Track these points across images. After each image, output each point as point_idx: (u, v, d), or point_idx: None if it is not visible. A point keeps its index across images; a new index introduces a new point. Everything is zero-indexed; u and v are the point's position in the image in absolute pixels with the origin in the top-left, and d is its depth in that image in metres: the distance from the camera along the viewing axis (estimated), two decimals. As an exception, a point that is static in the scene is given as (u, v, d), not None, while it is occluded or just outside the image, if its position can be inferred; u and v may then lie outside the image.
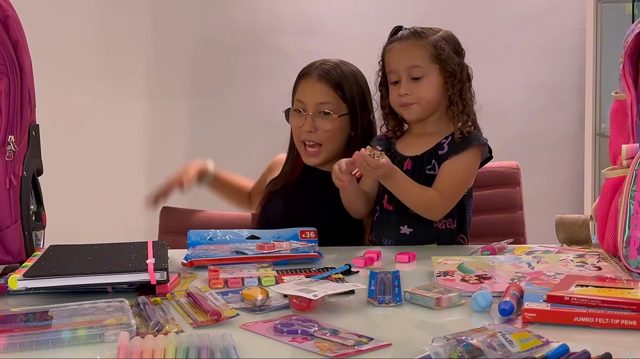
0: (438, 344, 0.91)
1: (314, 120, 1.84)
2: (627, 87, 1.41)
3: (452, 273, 1.33)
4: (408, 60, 1.73)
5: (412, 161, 1.75)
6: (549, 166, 3.32)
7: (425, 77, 1.72)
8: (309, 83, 1.88)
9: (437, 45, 1.72)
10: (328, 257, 1.54)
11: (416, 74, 1.72)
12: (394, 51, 1.76)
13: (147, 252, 1.33)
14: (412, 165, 1.74)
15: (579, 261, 1.39)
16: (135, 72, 3.28)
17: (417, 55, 1.72)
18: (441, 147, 1.73)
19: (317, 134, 1.85)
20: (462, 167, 1.71)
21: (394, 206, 1.74)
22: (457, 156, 1.70)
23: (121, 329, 1.00)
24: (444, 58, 1.72)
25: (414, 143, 1.78)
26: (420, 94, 1.72)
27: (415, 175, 1.71)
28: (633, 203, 1.32)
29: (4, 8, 1.37)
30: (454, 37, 1.78)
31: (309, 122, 1.85)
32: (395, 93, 1.74)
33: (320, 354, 0.94)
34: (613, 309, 1.04)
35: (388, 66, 1.77)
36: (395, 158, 1.75)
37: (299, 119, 1.87)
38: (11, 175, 1.37)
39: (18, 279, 1.18)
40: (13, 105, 1.38)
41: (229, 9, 3.30)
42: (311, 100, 1.86)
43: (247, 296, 1.17)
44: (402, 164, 1.74)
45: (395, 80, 1.75)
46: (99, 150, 2.86)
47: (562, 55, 3.28)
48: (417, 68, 1.72)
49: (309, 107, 1.86)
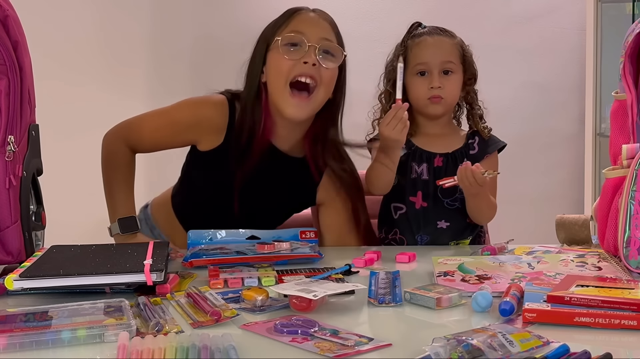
0: (438, 345, 0.91)
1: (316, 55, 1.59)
2: (628, 87, 1.41)
3: (452, 273, 1.33)
4: (443, 54, 1.75)
5: (444, 158, 1.79)
6: (549, 166, 3.32)
7: (455, 74, 1.77)
8: (308, 17, 1.66)
9: (464, 47, 1.80)
10: (328, 257, 1.54)
11: (449, 68, 1.75)
12: (426, 43, 1.76)
13: (146, 253, 1.33)
14: (444, 162, 1.78)
15: (579, 262, 1.39)
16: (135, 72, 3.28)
17: (451, 51, 1.77)
18: (472, 147, 1.80)
19: (319, 71, 1.60)
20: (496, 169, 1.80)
21: (430, 202, 1.78)
22: (491, 158, 1.79)
23: (121, 330, 1.00)
24: (468, 59, 1.80)
25: (436, 141, 1.81)
26: (450, 89, 1.76)
27: (449, 171, 1.75)
28: (633, 203, 1.32)
29: (4, 8, 1.37)
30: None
31: (312, 53, 1.59)
32: (425, 86, 1.75)
33: (320, 354, 0.94)
34: (613, 310, 1.04)
35: (417, 57, 1.76)
36: (422, 155, 1.79)
37: (297, 52, 1.60)
38: (11, 175, 1.36)
39: (14, 279, 1.18)
40: (13, 105, 1.37)
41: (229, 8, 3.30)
42: (315, 32, 1.61)
43: (247, 296, 1.17)
44: (432, 160, 1.78)
45: (422, 71, 1.75)
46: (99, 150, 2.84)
47: (562, 55, 3.28)
48: (451, 63, 1.76)
49: (311, 38, 1.60)
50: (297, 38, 1.61)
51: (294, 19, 1.65)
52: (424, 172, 1.78)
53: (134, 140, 1.74)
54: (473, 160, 1.75)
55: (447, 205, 1.78)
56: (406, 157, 1.79)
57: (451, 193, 1.77)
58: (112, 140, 1.75)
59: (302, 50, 1.61)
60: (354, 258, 1.48)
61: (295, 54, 1.61)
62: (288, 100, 1.61)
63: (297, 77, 1.60)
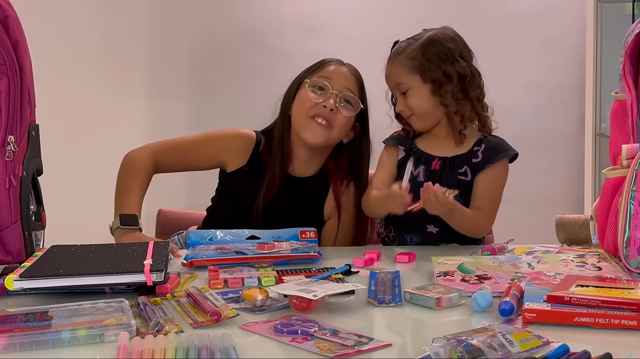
0: (438, 345, 0.91)
1: (336, 102, 1.79)
2: (627, 87, 1.41)
3: (452, 273, 1.33)
4: (391, 79, 1.81)
5: (442, 162, 1.77)
6: (549, 166, 3.32)
7: (410, 90, 1.78)
8: (337, 67, 1.85)
9: (411, 56, 1.76)
10: (328, 257, 1.54)
11: (402, 89, 1.79)
12: (386, 72, 1.83)
13: (146, 253, 1.33)
14: (441, 166, 1.76)
15: (579, 262, 1.39)
16: (134, 73, 3.28)
17: (396, 73, 1.79)
18: (475, 155, 1.76)
19: (335, 116, 1.80)
20: (500, 181, 1.77)
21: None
22: (494, 168, 1.74)
23: (121, 330, 1.00)
24: (418, 65, 1.75)
25: (438, 144, 1.79)
26: (411, 106, 1.78)
27: (443, 176, 1.74)
28: (633, 203, 1.32)
29: (4, 8, 1.36)
30: (447, 37, 1.78)
31: (333, 99, 1.79)
32: (401, 106, 1.81)
33: (320, 354, 0.94)
34: (613, 310, 1.04)
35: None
36: (421, 157, 1.78)
37: (321, 95, 1.81)
38: (11, 175, 1.36)
39: (14, 279, 1.18)
40: (13, 105, 1.37)
41: (228, 9, 3.30)
42: (340, 81, 1.81)
43: (247, 296, 1.17)
44: (430, 163, 1.77)
45: (392, 95, 1.85)
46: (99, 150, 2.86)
47: (562, 55, 3.28)
48: (401, 84, 1.79)
49: (335, 87, 1.80)
50: (324, 82, 1.81)
51: (326, 67, 1.85)
52: (421, 174, 1.77)
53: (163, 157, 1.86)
54: (474, 168, 1.74)
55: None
56: (405, 158, 1.80)
57: None
58: (138, 152, 1.86)
59: (325, 94, 1.80)
60: (354, 258, 1.48)
61: (319, 96, 1.81)
62: (307, 128, 1.80)
63: (315, 116, 1.79)
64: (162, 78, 3.29)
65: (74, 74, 3.19)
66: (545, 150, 3.30)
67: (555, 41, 3.28)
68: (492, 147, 1.77)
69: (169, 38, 3.30)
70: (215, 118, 3.21)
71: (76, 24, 3.21)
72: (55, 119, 2.61)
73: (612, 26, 3.02)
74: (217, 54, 3.29)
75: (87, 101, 3.19)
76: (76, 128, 3.15)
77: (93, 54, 3.23)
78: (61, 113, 2.98)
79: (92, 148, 3.16)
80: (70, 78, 3.17)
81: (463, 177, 1.75)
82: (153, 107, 3.29)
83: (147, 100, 3.29)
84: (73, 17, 3.20)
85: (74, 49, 3.20)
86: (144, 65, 3.29)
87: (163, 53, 3.30)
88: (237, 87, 3.25)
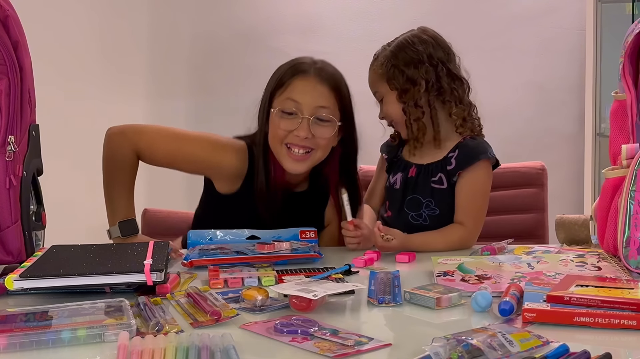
0: (438, 344, 0.91)
1: (309, 126, 1.63)
2: (627, 87, 1.41)
3: (452, 273, 1.34)
4: (370, 87, 1.81)
5: (417, 169, 1.76)
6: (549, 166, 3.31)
7: (384, 98, 1.78)
8: (304, 82, 1.66)
9: (381, 63, 1.76)
10: (328, 257, 1.54)
11: (378, 98, 1.80)
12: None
13: (146, 253, 1.33)
14: (417, 173, 1.76)
15: (579, 261, 1.39)
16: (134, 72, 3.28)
17: (371, 81, 1.81)
18: (449, 161, 1.71)
19: (312, 141, 1.65)
20: (478, 188, 1.70)
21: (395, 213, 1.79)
22: (469, 175, 1.69)
23: (121, 329, 1.00)
24: (385, 72, 1.75)
25: (420, 150, 1.77)
26: (386, 114, 1.78)
27: (419, 183, 1.74)
28: (633, 203, 1.32)
29: (4, 8, 1.37)
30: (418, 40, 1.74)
31: (305, 126, 1.62)
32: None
33: (320, 354, 0.94)
34: (613, 309, 1.04)
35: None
36: (401, 164, 1.79)
37: (291, 122, 1.64)
38: (11, 175, 1.36)
39: (14, 279, 1.18)
40: (13, 105, 1.37)
41: (228, 9, 3.30)
42: (310, 102, 1.64)
43: (247, 296, 1.17)
44: (408, 170, 1.77)
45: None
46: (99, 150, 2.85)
47: (562, 55, 3.28)
48: (376, 93, 1.80)
49: (305, 109, 1.63)
50: (292, 106, 1.65)
51: (292, 84, 1.66)
52: (397, 181, 1.77)
53: (144, 151, 1.70)
54: (449, 175, 1.70)
55: (411, 219, 1.74)
56: (389, 164, 1.82)
57: (416, 207, 1.73)
58: (118, 140, 1.70)
59: (296, 119, 1.64)
60: (354, 258, 1.48)
61: (290, 123, 1.64)
62: (285, 157, 1.66)
63: (291, 146, 1.65)
64: (162, 78, 3.29)
65: (74, 74, 3.19)
66: (545, 150, 3.30)
67: (555, 41, 3.28)
68: (466, 152, 1.70)
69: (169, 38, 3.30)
70: (215, 118, 3.22)
71: (76, 24, 3.21)
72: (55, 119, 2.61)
73: (612, 26, 3.02)
74: (217, 54, 3.29)
75: (87, 101, 3.19)
76: (76, 128, 3.15)
77: (93, 54, 3.23)
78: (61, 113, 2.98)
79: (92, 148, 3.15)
80: (70, 79, 3.17)
81: (438, 185, 1.72)
82: (153, 107, 3.29)
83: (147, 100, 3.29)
84: (73, 18, 3.20)
85: (74, 49, 3.20)
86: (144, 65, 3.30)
87: (163, 53, 3.30)
88: (237, 87, 3.25)
